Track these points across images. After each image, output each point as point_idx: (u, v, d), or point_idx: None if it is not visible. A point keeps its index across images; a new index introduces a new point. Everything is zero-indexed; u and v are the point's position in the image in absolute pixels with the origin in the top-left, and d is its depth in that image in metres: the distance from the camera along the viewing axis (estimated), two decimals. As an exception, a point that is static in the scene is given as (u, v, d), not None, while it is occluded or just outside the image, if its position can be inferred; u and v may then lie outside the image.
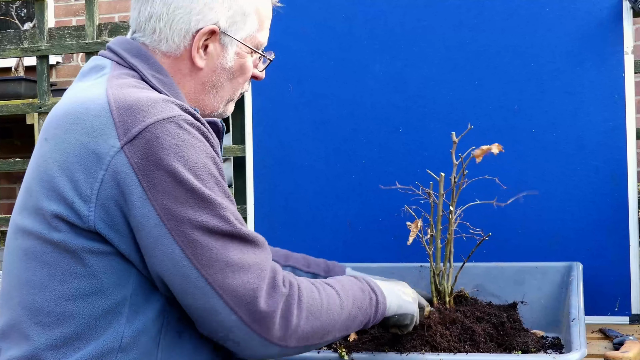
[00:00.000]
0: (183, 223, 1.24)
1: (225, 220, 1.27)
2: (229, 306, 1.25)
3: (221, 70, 1.48)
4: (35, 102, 3.39)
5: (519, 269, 2.00)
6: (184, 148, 1.26)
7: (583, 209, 2.13)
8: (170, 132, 1.26)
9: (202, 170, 1.27)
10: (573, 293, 1.81)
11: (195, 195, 1.25)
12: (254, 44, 1.51)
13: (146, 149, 1.24)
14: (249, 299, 1.25)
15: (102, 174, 1.25)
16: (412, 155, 2.25)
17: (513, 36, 2.18)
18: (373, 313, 1.47)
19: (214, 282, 1.25)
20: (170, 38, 1.44)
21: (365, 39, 2.30)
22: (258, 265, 1.28)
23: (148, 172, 1.24)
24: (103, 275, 1.28)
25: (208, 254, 1.25)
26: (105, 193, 1.25)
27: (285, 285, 1.31)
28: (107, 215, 1.26)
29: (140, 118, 1.26)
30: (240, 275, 1.26)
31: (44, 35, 3.32)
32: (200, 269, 1.24)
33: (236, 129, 3.06)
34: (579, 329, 1.61)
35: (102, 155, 1.26)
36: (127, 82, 1.35)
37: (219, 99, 1.51)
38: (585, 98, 2.13)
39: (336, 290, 1.41)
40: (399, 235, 1.87)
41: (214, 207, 1.26)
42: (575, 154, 2.14)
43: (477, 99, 2.21)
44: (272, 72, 2.39)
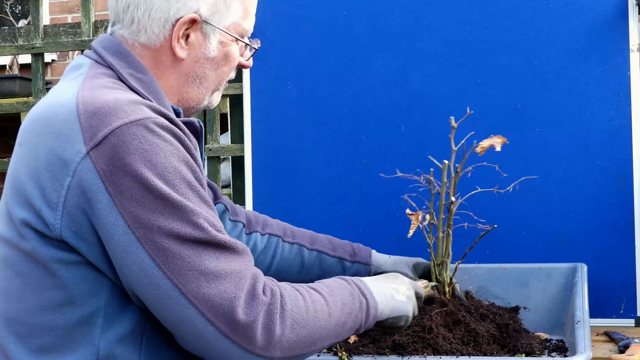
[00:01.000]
0: (152, 231, 1.21)
1: (198, 227, 1.23)
2: (205, 317, 1.21)
3: (204, 60, 1.45)
4: (30, 101, 3.40)
5: (522, 271, 2.00)
6: (151, 152, 1.22)
7: (588, 210, 2.13)
8: (138, 136, 1.22)
9: (172, 175, 1.23)
10: (578, 295, 1.81)
11: (164, 202, 1.21)
12: (239, 32, 1.47)
13: (112, 154, 1.21)
14: (226, 308, 1.21)
15: (69, 180, 1.22)
16: (414, 154, 2.25)
17: (516, 33, 2.18)
18: (364, 318, 1.43)
19: (188, 292, 1.21)
20: (149, 28, 1.40)
21: (366, 36, 2.30)
22: (236, 273, 1.24)
23: (114, 178, 1.21)
24: (74, 285, 1.26)
25: (180, 263, 1.21)
26: (71, 201, 1.22)
27: (266, 293, 1.27)
28: (74, 223, 1.23)
29: (107, 121, 1.23)
30: (216, 284, 1.22)
31: (39, 33, 3.32)
32: (173, 278, 1.21)
33: (235, 128, 3.06)
34: (584, 332, 1.61)
35: (68, 161, 1.23)
36: (100, 83, 1.32)
37: (204, 90, 1.48)
38: (590, 96, 2.13)
39: (323, 296, 1.36)
40: (400, 236, 1.87)
41: (185, 213, 1.22)
42: (580, 154, 2.14)
43: (480, 97, 2.21)
44: (271, 70, 2.40)
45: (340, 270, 1.79)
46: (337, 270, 1.78)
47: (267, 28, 2.34)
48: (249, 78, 2.40)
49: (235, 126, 3.06)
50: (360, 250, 1.82)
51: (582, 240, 2.13)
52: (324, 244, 1.80)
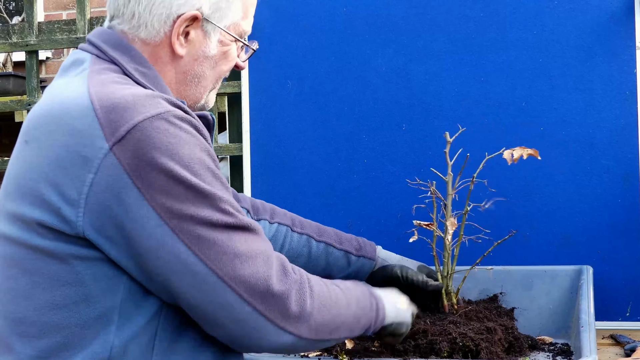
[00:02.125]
0: (186, 220, 1.25)
1: (227, 212, 1.28)
2: (243, 298, 1.26)
3: (203, 58, 1.47)
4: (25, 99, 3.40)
5: (527, 273, 2.00)
6: (176, 145, 1.26)
7: (593, 210, 2.13)
8: (161, 129, 1.25)
9: (198, 165, 1.27)
10: (583, 297, 1.81)
11: (194, 192, 1.25)
12: (238, 32, 1.50)
13: (137, 148, 1.23)
14: (261, 287, 1.28)
15: (91, 177, 1.24)
16: (415, 154, 2.25)
17: (521, 30, 2.18)
18: (375, 317, 1.49)
19: (225, 275, 1.26)
20: (150, 23, 1.41)
21: (366, 32, 2.30)
22: (263, 253, 1.30)
23: (142, 173, 1.23)
24: (91, 282, 1.27)
25: (215, 248, 1.26)
26: (95, 197, 1.24)
27: (296, 272, 1.34)
28: (98, 220, 1.25)
29: (128, 116, 1.25)
30: (250, 265, 1.28)
31: (33, 30, 3.32)
32: (210, 264, 1.25)
33: (233, 127, 3.06)
34: (589, 335, 1.62)
35: (89, 158, 1.24)
36: (108, 78, 1.34)
37: (202, 89, 1.50)
38: (596, 94, 2.13)
39: (341, 289, 1.43)
40: (402, 237, 1.87)
41: (215, 201, 1.27)
42: (585, 153, 2.14)
43: (483, 95, 2.21)
44: (270, 68, 2.40)
45: (345, 264, 1.81)
46: (342, 264, 1.81)
47: (265, 25, 2.34)
48: (247, 76, 2.40)
49: (233, 125, 3.05)
50: (365, 245, 1.84)
51: (587, 242, 2.13)
52: (330, 236, 1.83)
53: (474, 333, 1.62)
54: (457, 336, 1.60)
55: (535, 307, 1.93)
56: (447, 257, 1.78)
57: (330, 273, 1.82)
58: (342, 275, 1.81)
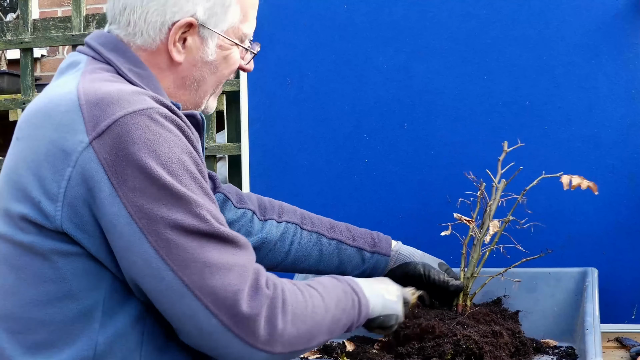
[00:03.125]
0: (156, 222, 1.23)
1: (202, 218, 1.26)
2: (209, 309, 1.24)
3: (202, 64, 1.47)
4: (19, 98, 3.40)
5: (531, 275, 2.00)
6: (156, 142, 1.25)
7: (598, 211, 2.13)
8: (142, 125, 1.25)
9: (176, 165, 1.26)
10: (588, 300, 1.81)
11: (168, 192, 1.24)
12: (238, 35, 1.50)
13: (116, 143, 1.24)
14: (230, 301, 1.24)
15: (70, 170, 1.25)
16: (417, 153, 2.25)
17: (524, 27, 2.18)
18: (357, 315, 1.48)
19: (191, 283, 1.24)
20: (145, 31, 1.43)
21: (367, 30, 2.30)
22: (240, 266, 1.27)
23: (118, 168, 1.23)
24: (73, 278, 1.28)
25: (184, 254, 1.24)
26: (72, 191, 1.25)
27: (269, 287, 1.30)
28: (75, 214, 1.26)
29: (110, 111, 1.25)
30: (220, 277, 1.25)
31: (28, 27, 3.32)
32: (177, 270, 1.23)
33: (231, 126, 3.06)
34: (594, 338, 1.62)
35: (69, 152, 1.25)
36: (100, 76, 1.35)
37: (202, 93, 1.51)
38: (601, 93, 2.13)
39: (319, 293, 1.40)
40: (404, 239, 1.87)
41: (189, 204, 1.25)
42: (590, 152, 2.14)
43: (486, 94, 2.21)
44: (269, 66, 2.40)
45: (359, 261, 1.80)
46: (356, 261, 1.80)
47: (265, 22, 2.34)
48: (246, 74, 2.40)
49: (232, 124, 3.06)
50: (380, 240, 1.83)
51: (592, 243, 2.13)
52: (343, 232, 1.81)
53: (479, 336, 1.62)
54: (461, 338, 1.60)
55: (539, 309, 1.93)
56: (476, 259, 1.80)
57: (344, 271, 1.81)
58: (356, 273, 1.81)
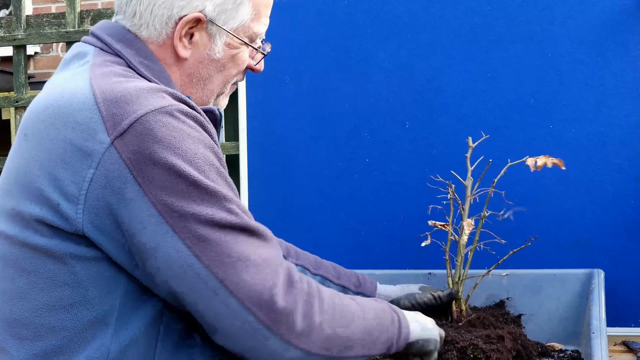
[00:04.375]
0: (187, 219, 1.23)
1: (233, 212, 1.26)
2: (245, 306, 1.24)
3: (209, 61, 1.46)
4: (12, 96, 3.39)
5: (535, 277, 2.00)
6: (180, 139, 1.25)
7: (605, 212, 2.13)
8: (164, 123, 1.25)
9: (201, 161, 1.26)
10: (594, 303, 1.81)
11: (197, 188, 1.24)
12: (248, 34, 1.48)
13: (139, 142, 1.23)
14: (266, 296, 1.24)
15: (92, 172, 1.24)
16: (419, 153, 2.25)
17: (529, 24, 2.18)
18: (397, 333, 1.45)
19: (227, 279, 1.23)
20: (152, 24, 1.42)
21: (368, 26, 2.30)
22: (272, 260, 1.28)
23: (143, 168, 1.23)
24: (89, 283, 1.27)
25: (218, 249, 1.24)
26: (95, 193, 1.24)
27: (304, 282, 1.30)
28: (97, 217, 1.25)
29: (130, 110, 1.25)
30: (255, 271, 1.25)
31: (21, 24, 3.32)
32: (211, 266, 1.23)
33: (229, 124, 3.06)
34: (600, 342, 1.62)
35: (90, 152, 1.24)
36: (112, 71, 1.34)
37: (208, 92, 1.50)
38: (608, 91, 2.13)
39: (357, 302, 1.40)
40: (406, 240, 1.87)
41: (219, 199, 1.26)
42: (596, 152, 2.14)
43: (489, 91, 2.21)
44: (267, 63, 2.39)
45: None
46: None
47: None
48: (244, 71, 2.40)
49: (229, 123, 3.05)
50: (365, 282, 1.83)
51: (598, 244, 2.13)
52: (328, 270, 1.81)
53: (484, 343, 1.61)
54: (468, 346, 1.59)
55: (544, 312, 1.93)
56: (460, 262, 1.78)
57: None
58: None
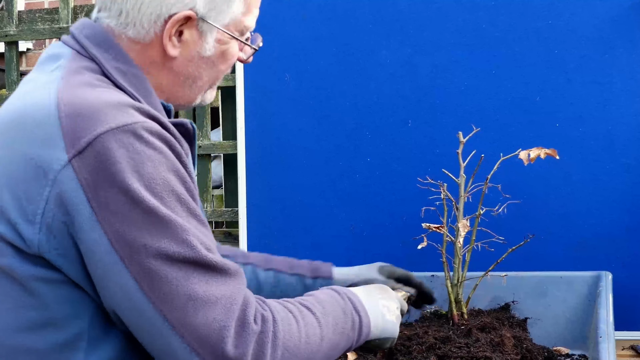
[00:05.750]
0: (138, 250, 1.19)
1: (188, 245, 1.22)
2: (192, 347, 1.20)
3: (199, 59, 1.43)
4: (4, 94, 3.40)
5: (541, 279, 2.00)
6: (139, 162, 1.21)
7: (613, 212, 2.13)
8: (125, 143, 1.21)
9: (161, 187, 1.22)
10: (601, 306, 1.81)
11: (152, 217, 1.20)
12: (239, 29, 1.46)
13: (96, 163, 1.19)
14: (214, 339, 1.21)
15: (48, 190, 1.20)
16: (422, 152, 2.25)
17: (534, 19, 2.18)
18: (356, 337, 1.45)
19: (173, 319, 1.20)
20: (139, 23, 1.38)
21: (370, 23, 2.30)
22: (226, 298, 1.23)
23: (98, 190, 1.19)
24: (55, 305, 1.24)
25: (167, 286, 1.20)
26: (51, 213, 1.20)
27: (257, 321, 1.26)
28: (55, 238, 1.21)
29: (91, 126, 1.21)
30: (205, 312, 1.21)
31: (13, 19, 3.32)
32: (158, 304, 1.20)
33: (227, 123, 3.07)
34: (608, 346, 1.62)
35: (47, 170, 1.21)
36: (83, 80, 1.30)
37: (197, 89, 1.47)
38: (615, 88, 2.13)
39: (316, 317, 1.36)
40: (407, 242, 1.87)
41: (174, 229, 1.21)
42: (603, 151, 2.14)
43: (494, 89, 2.21)
44: (266, 61, 2.40)
45: (301, 289, 1.76)
46: (298, 289, 1.77)
47: (262, 14, 2.32)
48: (242, 69, 2.40)
49: (227, 121, 3.06)
50: (320, 266, 1.81)
51: (606, 246, 2.13)
52: (279, 263, 1.79)
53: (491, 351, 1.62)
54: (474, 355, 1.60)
55: (550, 315, 1.93)
56: (458, 263, 1.78)
57: None
58: None
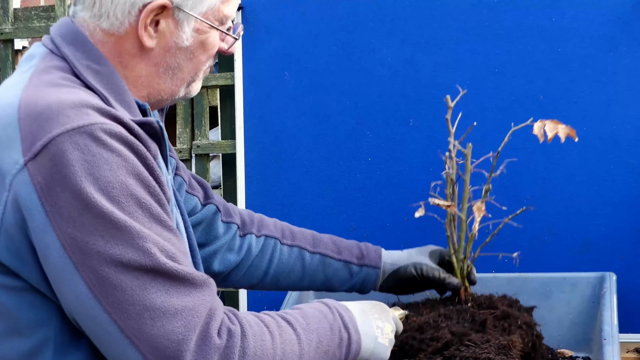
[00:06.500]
0: (91, 256, 1.17)
1: (145, 252, 1.19)
2: (147, 358, 1.19)
3: (176, 50, 1.40)
4: (-1, 92, 3.39)
5: (545, 281, 2.00)
6: (94, 164, 1.19)
7: (617, 213, 2.13)
8: (80, 146, 1.19)
9: (117, 190, 1.19)
10: (606, 307, 1.81)
11: (106, 222, 1.18)
12: (218, 17, 1.43)
13: (51, 165, 1.18)
14: (170, 352, 1.18)
15: (6, 195, 1.19)
16: (424, 151, 2.25)
17: (538, 17, 2.18)
18: (344, 356, 1.41)
19: (128, 329, 1.18)
20: (112, 14, 1.36)
21: (371, 20, 2.29)
22: (188, 310, 1.21)
23: (52, 194, 1.17)
24: (18, 313, 1.24)
25: (121, 295, 1.18)
26: (8, 218, 1.20)
27: (222, 335, 1.23)
28: (13, 243, 1.21)
29: (47, 128, 1.19)
30: (163, 323, 1.18)
31: (9, 17, 3.32)
32: (112, 312, 1.18)
33: (225, 122, 3.06)
34: (613, 349, 1.62)
35: (4, 173, 1.20)
36: (48, 80, 1.29)
37: (178, 81, 1.44)
38: (620, 87, 2.13)
39: (297, 333, 1.34)
40: (410, 242, 1.86)
41: (130, 236, 1.19)
42: (608, 151, 2.14)
43: (497, 88, 2.21)
44: (265, 59, 2.40)
45: (346, 275, 1.79)
46: (343, 275, 1.79)
47: (260, 11, 2.34)
48: (241, 67, 2.39)
49: (226, 120, 3.05)
50: (369, 252, 1.81)
51: (610, 247, 2.13)
52: (327, 245, 1.79)
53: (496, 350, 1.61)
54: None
55: (554, 317, 1.93)
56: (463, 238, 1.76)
57: (331, 287, 1.80)
58: (345, 288, 1.80)
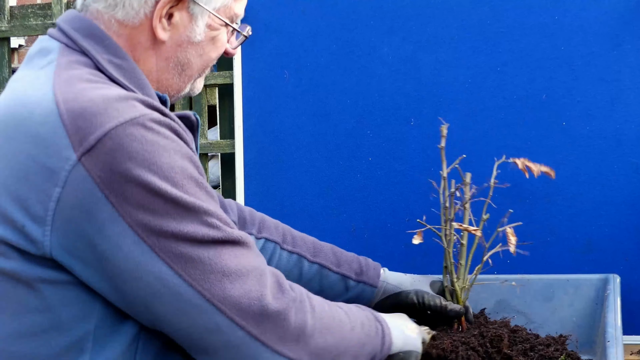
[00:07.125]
0: (167, 238, 1.23)
1: (213, 226, 1.27)
2: (234, 321, 1.26)
3: (188, 44, 1.43)
4: (-5, 91, 3.39)
5: (547, 283, 2.00)
6: (154, 153, 1.23)
7: (621, 213, 2.12)
8: (136, 137, 1.22)
9: (179, 175, 1.25)
10: (609, 309, 1.81)
11: (176, 206, 1.24)
12: (229, 15, 1.46)
13: (109, 159, 1.21)
14: (255, 308, 1.27)
15: (58, 191, 1.21)
16: (425, 151, 2.25)
17: (540, 14, 2.17)
18: (380, 344, 1.48)
19: (213, 296, 1.25)
20: (128, 3, 1.37)
21: (371, 18, 2.29)
22: (256, 269, 1.30)
23: (116, 186, 1.21)
24: (62, 308, 1.26)
25: (201, 267, 1.25)
26: (63, 214, 1.21)
27: (294, 289, 1.34)
28: (67, 239, 1.23)
29: (98, 123, 1.21)
30: (241, 284, 1.27)
31: (5, 15, 3.32)
32: (195, 285, 1.24)
33: (224, 121, 3.06)
34: (616, 351, 1.61)
35: (55, 170, 1.21)
36: (77, 75, 1.30)
37: (185, 78, 1.46)
38: (624, 86, 2.13)
39: (344, 311, 1.42)
40: (410, 244, 1.86)
41: (199, 214, 1.26)
42: (611, 150, 2.13)
43: (499, 86, 2.20)
44: (265, 57, 2.40)
45: (342, 289, 1.79)
46: (339, 288, 1.79)
47: (260, 9, 2.34)
48: (240, 66, 2.39)
49: (224, 120, 3.05)
50: (368, 269, 1.81)
51: (613, 248, 2.13)
52: (327, 256, 1.80)
53: None
54: None
55: (556, 319, 1.93)
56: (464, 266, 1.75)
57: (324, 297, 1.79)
58: (338, 300, 1.79)
